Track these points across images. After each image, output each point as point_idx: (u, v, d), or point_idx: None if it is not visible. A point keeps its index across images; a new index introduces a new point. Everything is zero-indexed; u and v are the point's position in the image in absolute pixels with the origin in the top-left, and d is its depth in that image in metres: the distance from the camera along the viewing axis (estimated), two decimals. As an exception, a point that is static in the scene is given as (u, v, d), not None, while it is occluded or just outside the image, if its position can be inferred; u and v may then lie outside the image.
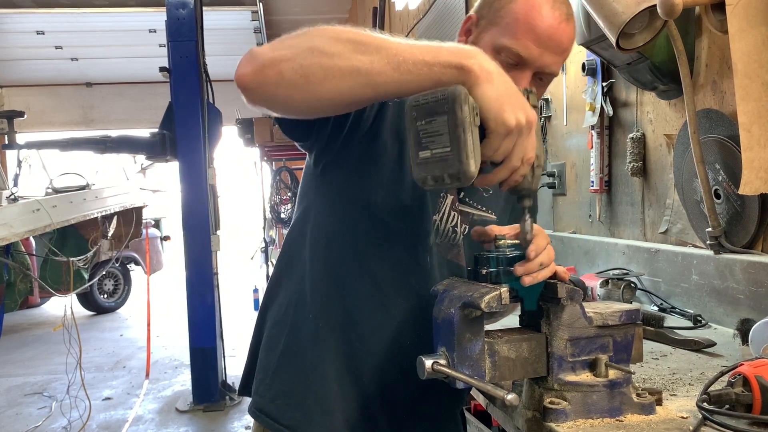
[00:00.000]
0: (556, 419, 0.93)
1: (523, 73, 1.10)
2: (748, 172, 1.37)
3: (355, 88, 0.88)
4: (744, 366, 0.94)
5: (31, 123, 8.33)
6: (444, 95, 0.85)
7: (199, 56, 4.42)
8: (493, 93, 0.86)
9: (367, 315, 1.17)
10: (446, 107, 0.84)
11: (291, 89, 0.88)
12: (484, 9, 1.15)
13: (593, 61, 2.18)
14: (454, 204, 1.22)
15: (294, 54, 0.87)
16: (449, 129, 0.84)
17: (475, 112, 0.85)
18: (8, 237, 3.73)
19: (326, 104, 0.91)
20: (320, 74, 0.87)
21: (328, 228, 1.20)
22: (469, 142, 0.84)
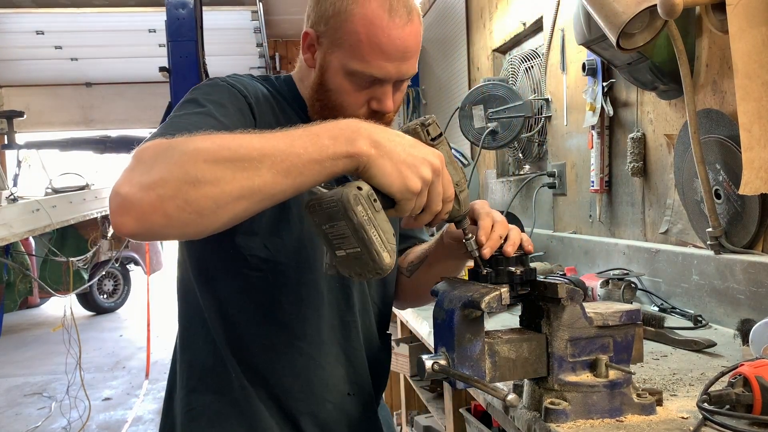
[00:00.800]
0: (556, 419, 0.93)
1: (383, 88, 1.09)
2: (748, 172, 1.37)
3: (251, 205, 0.82)
4: (744, 366, 0.94)
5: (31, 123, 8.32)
6: (334, 202, 0.83)
7: (199, 56, 4.42)
8: (389, 166, 0.83)
9: (284, 363, 1.14)
10: (340, 215, 0.83)
11: (183, 227, 0.81)
12: (321, 26, 1.09)
13: (593, 61, 2.18)
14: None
15: (173, 191, 0.78)
16: (351, 232, 0.83)
17: (372, 199, 0.83)
18: (8, 237, 3.73)
19: (224, 227, 0.85)
20: (211, 206, 0.79)
21: (218, 280, 1.14)
22: (375, 239, 0.83)
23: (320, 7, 1.10)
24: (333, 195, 0.83)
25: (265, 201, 0.83)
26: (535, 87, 2.87)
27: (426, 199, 0.87)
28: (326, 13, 1.08)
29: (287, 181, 0.81)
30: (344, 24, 1.06)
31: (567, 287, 0.94)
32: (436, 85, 4.79)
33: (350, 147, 0.83)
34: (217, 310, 1.14)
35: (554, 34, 2.61)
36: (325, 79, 1.10)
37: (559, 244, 2.59)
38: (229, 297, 1.13)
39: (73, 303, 4.29)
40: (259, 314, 1.13)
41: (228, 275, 1.13)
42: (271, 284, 1.12)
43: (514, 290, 0.96)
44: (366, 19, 1.04)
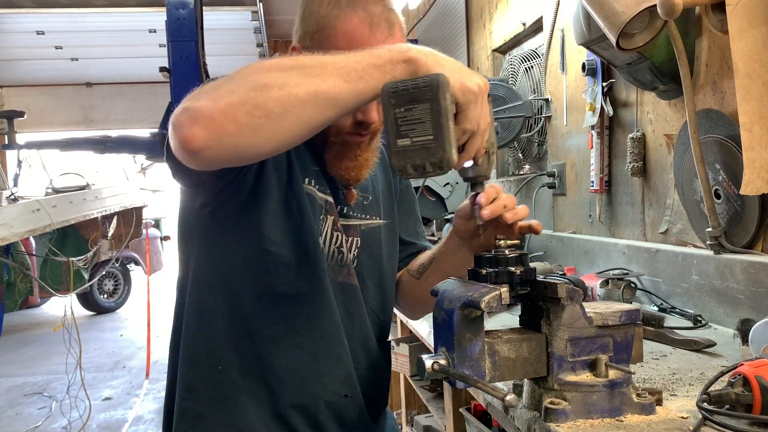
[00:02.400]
0: (556, 419, 0.93)
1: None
2: (749, 172, 1.37)
3: (316, 111, 0.85)
4: (744, 366, 0.94)
5: (31, 123, 8.32)
6: (426, 83, 0.84)
7: (199, 56, 4.42)
8: (447, 71, 0.87)
9: (277, 353, 1.14)
10: (429, 95, 0.83)
11: (253, 134, 0.83)
12: (307, 40, 1.12)
13: (593, 61, 2.18)
14: (335, 224, 1.19)
15: (242, 97, 0.82)
16: (432, 117, 0.84)
17: (452, 99, 0.86)
18: (8, 237, 3.72)
19: (292, 136, 0.87)
20: (279, 109, 0.83)
21: (226, 274, 1.15)
22: (452, 130, 0.84)
23: (305, 23, 1.13)
24: (425, 77, 0.84)
25: (329, 107, 0.85)
26: (535, 87, 2.87)
27: (479, 113, 0.90)
28: (310, 29, 1.11)
29: (349, 86, 0.85)
30: (327, 39, 1.09)
31: (567, 287, 0.94)
32: (436, 85, 4.78)
33: (407, 53, 0.87)
34: (226, 300, 1.14)
35: (554, 34, 2.61)
36: None
37: (558, 244, 2.59)
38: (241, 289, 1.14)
39: (73, 303, 4.29)
40: (264, 304, 1.14)
41: (242, 269, 1.14)
42: (275, 278, 1.13)
43: (514, 290, 0.96)
44: (348, 35, 1.07)
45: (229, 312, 1.14)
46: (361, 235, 1.25)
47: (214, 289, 1.15)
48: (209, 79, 0.98)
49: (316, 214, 1.16)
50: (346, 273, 1.21)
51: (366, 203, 1.28)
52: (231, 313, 1.14)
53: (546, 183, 2.70)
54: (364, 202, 1.27)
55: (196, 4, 4.45)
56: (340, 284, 1.20)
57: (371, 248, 1.27)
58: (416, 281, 1.34)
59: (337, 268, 1.20)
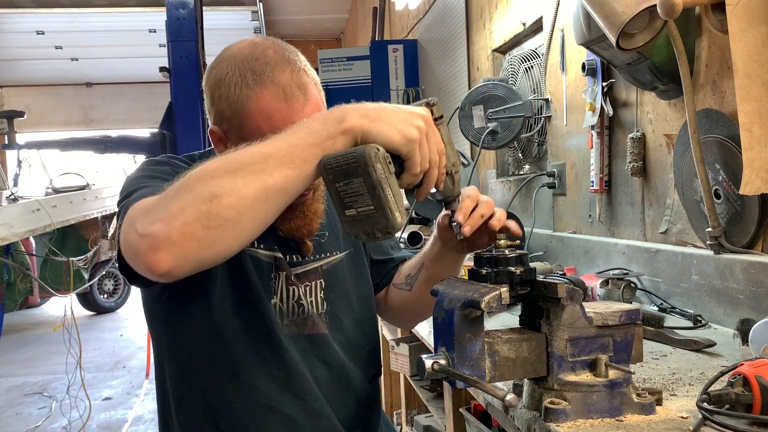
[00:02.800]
0: (556, 419, 0.93)
1: None
2: (748, 172, 1.37)
3: (270, 205, 0.85)
4: (744, 366, 0.94)
5: (31, 123, 8.33)
6: (354, 158, 0.85)
7: (199, 56, 4.42)
8: (385, 127, 0.87)
9: (260, 424, 1.14)
10: (360, 171, 0.85)
11: (215, 244, 0.83)
12: (225, 124, 1.11)
13: (593, 61, 2.18)
14: (289, 279, 1.18)
15: (195, 213, 0.81)
16: (368, 190, 0.85)
17: (388, 161, 0.87)
18: (8, 237, 3.73)
19: (253, 233, 0.87)
20: (233, 215, 0.82)
21: (192, 351, 1.15)
22: (390, 197, 0.86)
23: (216, 107, 1.11)
24: (353, 152, 0.86)
25: (281, 197, 0.86)
26: (534, 87, 2.87)
27: (428, 154, 0.90)
28: (224, 112, 1.09)
29: (294, 172, 0.85)
30: (245, 122, 1.07)
31: (567, 287, 0.94)
32: (436, 85, 4.79)
33: (342, 124, 0.87)
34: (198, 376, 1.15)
35: (554, 34, 2.61)
36: None
37: (558, 244, 2.59)
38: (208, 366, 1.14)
39: (73, 303, 4.29)
40: (232, 377, 1.14)
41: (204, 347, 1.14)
42: (236, 350, 1.13)
43: (514, 290, 0.96)
44: (264, 114, 1.05)
45: (203, 388, 1.15)
46: (324, 276, 1.24)
47: (185, 367, 1.16)
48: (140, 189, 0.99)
49: (264, 276, 1.15)
50: (311, 324, 1.20)
51: (323, 241, 1.26)
52: (204, 388, 1.15)
53: (546, 183, 2.70)
54: (321, 241, 1.26)
55: (196, 4, 4.45)
56: (307, 337, 1.19)
57: (337, 285, 1.26)
58: (407, 293, 1.33)
59: (300, 322, 1.19)
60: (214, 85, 1.11)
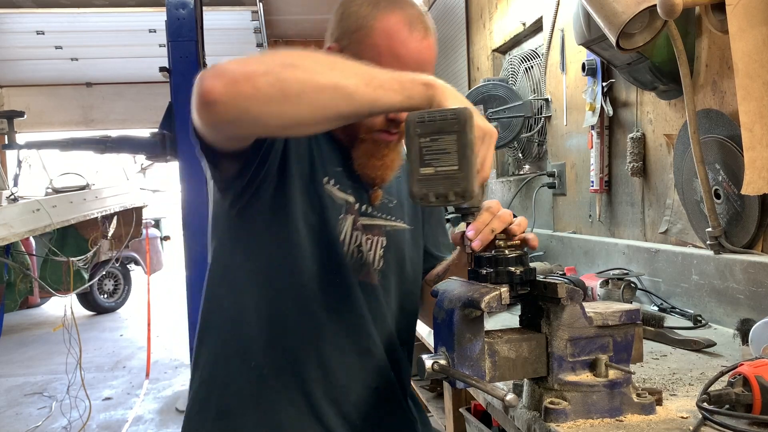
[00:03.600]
0: (556, 419, 0.93)
1: None
2: (750, 172, 1.37)
3: (331, 102, 0.88)
4: (744, 366, 0.94)
5: (31, 123, 8.32)
6: (455, 115, 0.87)
7: (199, 56, 4.41)
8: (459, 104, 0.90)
9: (309, 349, 1.16)
10: (456, 127, 0.86)
11: (266, 104, 0.86)
12: (344, 40, 1.16)
13: (593, 61, 2.18)
14: (355, 224, 1.21)
15: (268, 68, 0.86)
16: (458, 149, 0.86)
17: (476, 134, 0.88)
18: (8, 237, 3.72)
19: (300, 119, 0.89)
20: (297, 88, 0.86)
21: (254, 271, 1.17)
22: (475, 163, 0.87)
23: (343, 23, 1.17)
24: (452, 109, 0.87)
25: (344, 101, 0.88)
26: (534, 87, 2.87)
27: (486, 153, 0.92)
28: (349, 28, 1.15)
29: (368, 89, 0.89)
30: (366, 38, 1.13)
31: (567, 287, 0.94)
32: (436, 85, 4.78)
33: (428, 80, 0.92)
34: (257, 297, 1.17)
35: (554, 34, 2.61)
36: None
37: (558, 244, 2.59)
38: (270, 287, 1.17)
39: (73, 303, 4.28)
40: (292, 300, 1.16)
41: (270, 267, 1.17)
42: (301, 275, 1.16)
43: (514, 290, 0.96)
44: (386, 33, 1.12)
45: (260, 309, 1.17)
46: (387, 235, 1.27)
47: (245, 287, 1.18)
48: None
49: (335, 213, 1.18)
50: (365, 272, 1.23)
51: (391, 205, 1.29)
52: (262, 310, 1.17)
53: (546, 183, 2.70)
54: (389, 204, 1.28)
55: (196, 4, 4.45)
56: (360, 283, 1.22)
57: (396, 251, 1.28)
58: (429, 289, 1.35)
59: (358, 266, 1.22)
60: (346, 4, 1.17)
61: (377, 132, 1.16)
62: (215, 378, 1.19)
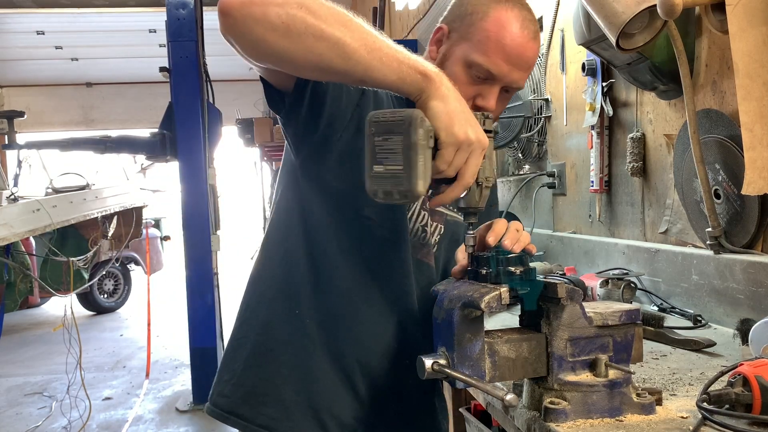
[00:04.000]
0: (556, 419, 0.93)
1: (492, 88, 1.16)
2: (750, 172, 1.37)
3: (327, 53, 0.90)
4: (744, 366, 0.94)
5: (31, 123, 8.33)
6: (402, 117, 0.89)
7: (199, 56, 4.42)
8: (446, 108, 0.91)
9: (352, 309, 1.19)
10: (402, 128, 0.88)
11: (268, 31, 0.89)
12: (456, 22, 1.19)
13: (593, 61, 2.18)
14: (424, 203, 1.23)
15: (284, 2, 0.89)
16: (403, 149, 0.88)
17: (430, 134, 0.89)
18: (8, 237, 3.72)
19: (293, 58, 0.92)
20: (301, 28, 0.88)
21: (312, 224, 1.21)
22: (419, 164, 0.88)
23: (459, 9, 1.20)
24: (402, 111, 0.90)
25: (339, 57, 0.90)
26: (534, 87, 2.87)
27: (462, 163, 0.92)
28: (464, 11, 1.18)
29: (366, 56, 0.90)
30: (479, 22, 1.15)
31: (566, 287, 0.94)
32: (436, 85, 4.78)
33: (429, 70, 0.92)
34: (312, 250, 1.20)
35: (554, 34, 2.61)
36: (444, 67, 1.16)
37: (558, 244, 2.59)
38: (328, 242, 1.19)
39: (73, 303, 4.29)
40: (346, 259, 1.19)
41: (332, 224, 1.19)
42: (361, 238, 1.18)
43: (514, 290, 0.96)
44: (499, 22, 1.14)
45: (313, 262, 1.19)
46: (445, 223, 1.29)
47: (303, 238, 1.21)
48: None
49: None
50: (425, 252, 1.25)
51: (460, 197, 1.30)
52: (314, 263, 1.19)
53: (546, 183, 2.70)
54: None
55: (196, 4, 4.45)
56: (417, 261, 1.23)
57: (451, 240, 1.30)
58: None
59: (418, 245, 1.24)
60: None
61: None
62: (257, 317, 1.23)
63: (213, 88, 4.57)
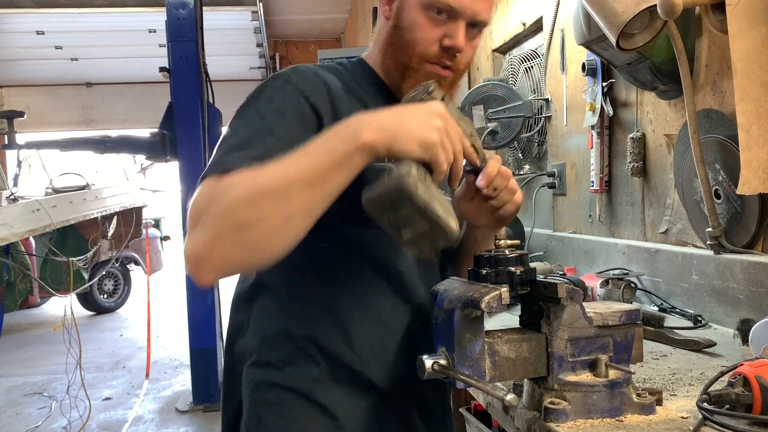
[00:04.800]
0: (556, 419, 0.93)
1: (457, 24, 1.09)
2: (746, 172, 1.37)
3: (299, 224, 0.89)
4: (744, 366, 0.94)
5: (31, 123, 8.32)
6: (396, 189, 0.84)
7: (199, 56, 4.42)
8: (403, 137, 0.88)
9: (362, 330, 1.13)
10: (404, 199, 0.84)
11: (251, 262, 0.92)
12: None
13: (593, 61, 2.18)
14: None
15: (230, 240, 0.88)
16: (418, 212, 0.85)
17: (422, 175, 0.86)
18: (8, 237, 3.72)
19: (286, 248, 0.91)
20: (264, 241, 0.88)
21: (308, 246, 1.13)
22: (440, 211, 0.85)
23: None
24: (388, 186, 0.85)
25: (308, 217, 0.90)
26: (535, 87, 2.87)
27: (451, 148, 0.90)
28: None
29: (318, 192, 0.89)
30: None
31: (567, 287, 0.94)
32: (436, 85, 4.78)
33: (358, 140, 0.88)
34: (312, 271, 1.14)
35: (554, 34, 2.61)
36: (401, 18, 1.12)
37: (558, 244, 2.59)
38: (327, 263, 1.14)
39: (73, 303, 4.29)
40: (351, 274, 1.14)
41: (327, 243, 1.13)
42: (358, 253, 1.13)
43: (514, 290, 0.96)
44: None
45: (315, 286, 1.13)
46: None
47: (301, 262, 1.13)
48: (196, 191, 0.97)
49: None
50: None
51: None
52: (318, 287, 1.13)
53: (546, 183, 2.70)
54: None
55: (196, 4, 4.45)
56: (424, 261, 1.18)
57: None
58: None
59: None
60: None
61: (429, 63, 1.12)
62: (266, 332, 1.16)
63: (213, 88, 4.57)
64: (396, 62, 1.14)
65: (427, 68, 1.12)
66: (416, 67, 1.12)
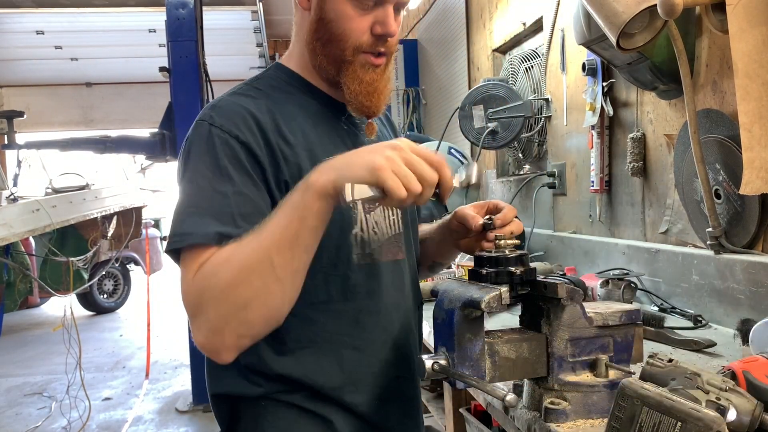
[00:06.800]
0: (556, 419, 0.93)
1: (386, 10, 1.08)
2: (748, 172, 1.37)
3: (293, 284, 0.94)
4: (735, 362, 0.94)
5: (31, 123, 8.32)
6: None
7: (199, 56, 4.42)
8: (353, 170, 0.88)
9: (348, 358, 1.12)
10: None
11: (265, 328, 0.95)
12: None
13: (593, 61, 2.18)
14: (359, 214, 1.13)
15: (236, 322, 0.92)
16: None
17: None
18: (8, 237, 3.72)
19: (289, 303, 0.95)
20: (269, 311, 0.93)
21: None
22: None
23: None
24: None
25: (298, 275, 0.95)
26: (535, 87, 2.87)
27: (405, 169, 0.87)
28: None
29: (296, 250, 0.92)
30: None
31: (567, 287, 0.94)
32: (437, 85, 4.79)
33: (312, 189, 0.90)
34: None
35: (554, 34, 2.61)
36: (325, 10, 1.08)
37: (559, 244, 2.59)
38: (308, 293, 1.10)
39: (73, 303, 4.28)
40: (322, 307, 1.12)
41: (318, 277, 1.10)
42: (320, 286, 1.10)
43: (514, 290, 0.96)
44: None
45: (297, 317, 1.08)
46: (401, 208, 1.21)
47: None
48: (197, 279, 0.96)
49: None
50: (395, 251, 1.17)
51: None
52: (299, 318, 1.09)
53: (546, 183, 2.70)
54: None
55: (196, 4, 4.45)
56: (392, 264, 1.16)
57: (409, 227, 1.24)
58: None
59: (383, 249, 1.15)
60: None
61: (364, 54, 1.09)
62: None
63: (213, 88, 4.57)
64: (328, 57, 1.11)
65: (361, 59, 1.10)
66: (351, 59, 1.10)
